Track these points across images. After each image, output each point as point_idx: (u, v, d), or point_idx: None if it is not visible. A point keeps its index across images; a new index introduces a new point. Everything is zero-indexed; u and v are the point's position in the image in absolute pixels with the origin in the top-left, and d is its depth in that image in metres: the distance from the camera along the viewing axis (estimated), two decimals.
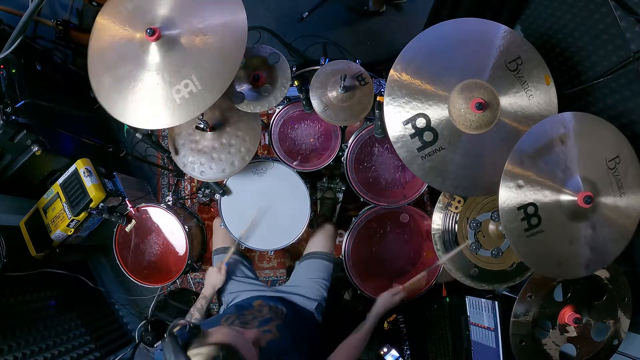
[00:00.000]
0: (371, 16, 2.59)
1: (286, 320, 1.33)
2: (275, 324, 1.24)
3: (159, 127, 1.24)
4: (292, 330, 1.25)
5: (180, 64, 1.19)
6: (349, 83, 1.42)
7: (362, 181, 1.68)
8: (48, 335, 1.87)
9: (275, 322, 1.25)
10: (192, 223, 1.88)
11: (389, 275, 1.81)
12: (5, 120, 1.53)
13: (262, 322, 1.23)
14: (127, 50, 1.22)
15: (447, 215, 1.47)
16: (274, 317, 1.31)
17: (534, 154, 1.12)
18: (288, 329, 1.25)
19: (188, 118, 1.20)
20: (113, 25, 1.24)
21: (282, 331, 1.21)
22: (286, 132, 1.74)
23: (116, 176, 2.05)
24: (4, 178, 1.85)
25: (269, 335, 1.15)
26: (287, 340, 1.18)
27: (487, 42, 1.21)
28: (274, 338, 1.15)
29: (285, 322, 1.31)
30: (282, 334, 1.19)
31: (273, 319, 1.27)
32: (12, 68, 1.77)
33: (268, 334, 1.16)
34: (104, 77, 1.24)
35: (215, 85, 1.19)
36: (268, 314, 1.32)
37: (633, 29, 1.33)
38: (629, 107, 1.44)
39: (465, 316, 1.75)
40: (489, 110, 1.17)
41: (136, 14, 1.23)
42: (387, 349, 1.85)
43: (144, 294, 2.38)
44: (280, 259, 2.45)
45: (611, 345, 1.42)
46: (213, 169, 1.51)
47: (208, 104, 1.19)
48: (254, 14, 2.56)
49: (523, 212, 1.11)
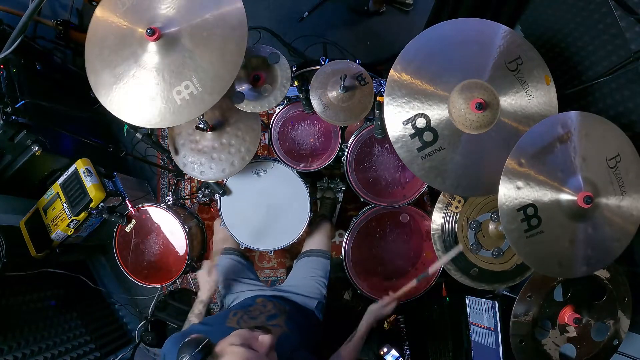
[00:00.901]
0: (371, 16, 2.59)
1: (290, 317, 1.32)
2: (283, 318, 1.24)
3: (155, 126, 1.23)
4: (298, 326, 1.25)
5: (179, 65, 1.19)
6: (349, 83, 1.42)
7: (362, 181, 1.67)
8: (48, 335, 1.86)
9: (283, 317, 1.25)
10: (192, 223, 1.88)
11: (389, 275, 1.81)
12: (5, 120, 1.53)
13: (270, 317, 1.23)
14: (125, 46, 1.21)
15: (447, 215, 1.47)
16: (280, 312, 1.31)
17: (534, 154, 1.12)
18: (295, 324, 1.25)
19: (187, 119, 1.20)
20: (112, 18, 1.23)
21: (290, 326, 1.21)
22: (286, 132, 1.73)
23: (116, 176, 2.05)
24: (4, 178, 1.85)
25: (279, 330, 1.15)
26: (296, 335, 1.18)
27: (487, 42, 1.21)
28: (284, 332, 1.15)
29: (290, 317, 1.31)
30: (291, 329, 1.19)
31: (279, 314, 1.28)
32: (12, 68, 1.77)
33: (277, 329, 1.16)
34: (100, 69, 1.23)
35: (215, 87, 1.19)
36: (273, 309, 1.32)
37: (633, 29, 1.33)
38: (629, 107, 1.44)
39: (465, 316, 1.75)
40: (489, 110, 1.17)
41: (136, 10, 1.22)
42: (387, 349, 1.84)
43: (144, 294, 2.38)
44: (280, 259, 2.44)
45: (611, 345, 1.42)
46: (213, 169, 1.51)
47: (208, 105, 1.19)
48: (254, 14, 2.55)
49: (523, 213, 1.11)
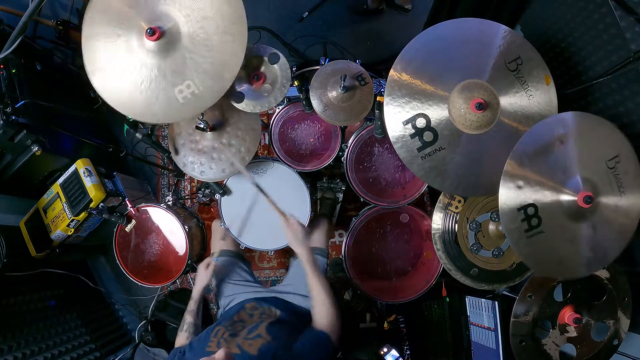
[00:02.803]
0: (371, 14, 2.58)
1: (279, 320, 1.33)
2: (264, 325, 1.23)
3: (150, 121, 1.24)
4: (285, 330, 1.25)
5: (178, 65, 1.19)
6: (349, 83, 1.42)
7: (362, 181, 1.67)
8: (48, 335, 1.86)
9: (265, 324, 1.24)
10: (192, 223, 1.88)
11: (389, 275, 1.82)
12: (5, 120, 1.53)
13: (252, 329, 1.23)
14: (124, 43, 1.22)
15: (447, 215, 1.47)
16: (265, 318, 1.32)
17: (534, 154, 1.12)
18: (281, 328, 1.25)
19: (184, 118, 1.21)
20: (110, 12, 1.24)
21: (273, 331, 1.21)
22: (286, 132, 1.73)
23: (116, 176, 2.05)
24: (4, 178, 1.85)
25: (260, 341, 1.15)
26: (281, 339, 1.18)
27: (487, 42, 1.21)
28: (266, 343, 1.15)
29: (278, 321, 1.31)
30: (273, 334, 1.19)
31: (263, 321, 1.27)
32: (12, 68, 1.77)
33: (258, 340, 1.16)
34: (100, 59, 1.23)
35: (212, 88, 1.19)
36: (258, 318, 1.33)
37: (633, 29, 1.33)
38: (629, 107, 1.44)
39: (465, 316, 1.75)
40: (489, 110, 1.17)
41: (136, 6, 1.22)
42: (387, 349, 1.84)
43: (144, 294, 2.38)
44: (280, 259, 2.44)
45: (611, 345, 1.42)
46: (213, 169, 1.51)
47: (204, 106, 1.19)
48: (254, 14, 2.55)
49: (523, 213, 1.11)
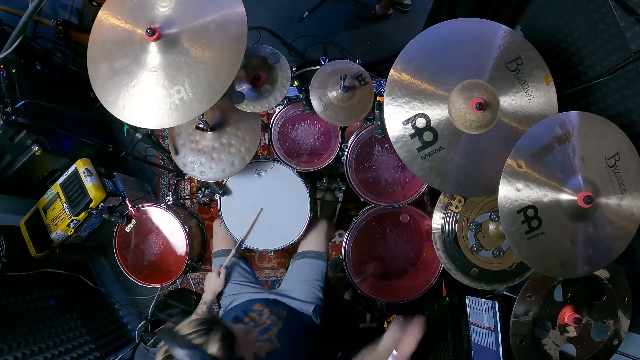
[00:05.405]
0: (379, 20, 2.57)
1: (287, 324, 1.32)
2: (275, 330, 1.22)
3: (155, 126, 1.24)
4: (293, 336, 1.24)
5: (178, 67, 1.19)
6: (349, 83, 1.42)
7: (362, 181, 1.67)
8: (48, 335, 1.86)
9: (276, 329, 1.23)
10: (192, 223, 1.88)
11: (389, 275, 1.81)
12: (5, 120, 1.53)
13: (263, 331, 1.22)
14: (126, 45, 1.22)
15: (447, 215, 1.47)
16: (275, 321, 1.30)
17: (534, 154, 1.12)
18: (289, 334, 1.24)
19: (182, 121, 1.20)
20: (115, 19, 1.23)
21: (282, 338, 1.20)
22: (286, 132, 1.73)
23: (116, 176, 2.05)
24: (4, 178, 1.85)
25: (269, 345, 1.14)
26: (289, 348, 1.17)
27: (487, 42, 1.21)
28: (274, 348, 1.14)
29: (286, 325, 1.30)
30: (282, 341, 1.18)
31: (274, 324, 1.26)
32: (12, 68, 1.77)
33: (268, 344, 1.15)
34: (101, 67, 1.23)
35: (208, 93, 1.19)
36: (269, 319, 1.31)
37: (633, 29, 1.33)
38: (629, 107, 1.44)
39: (465, 316, 1.74)
40: (489, 110, 1.17)
41: (138, 9, 1.22)
42: None
43: (144, 294, 2.38)
44: (280, 259, 2.44)
45: (611, 345, 1.42)
46: (213, 169, 1.51)
47: (201, 110, 1.19)
48: (254, 14, 2.55)
49: (523, 215, 1.11)
